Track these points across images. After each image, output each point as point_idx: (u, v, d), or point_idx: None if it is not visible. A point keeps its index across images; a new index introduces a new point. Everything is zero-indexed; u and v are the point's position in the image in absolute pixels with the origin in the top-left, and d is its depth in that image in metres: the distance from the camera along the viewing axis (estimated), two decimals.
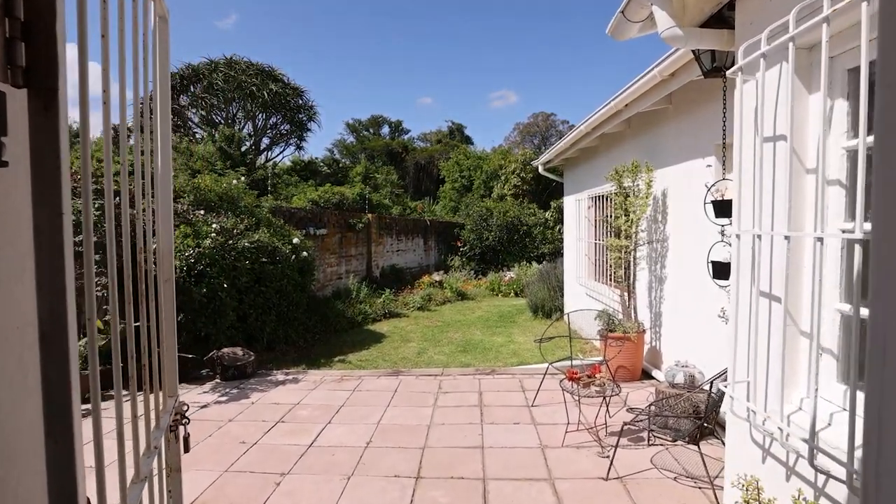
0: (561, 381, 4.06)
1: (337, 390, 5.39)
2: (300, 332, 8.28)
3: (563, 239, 18.32)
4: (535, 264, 15.78)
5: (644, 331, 5.43)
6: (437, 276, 14.03)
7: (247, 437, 4.18)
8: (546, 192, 22.08)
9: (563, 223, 19.16)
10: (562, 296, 10.09)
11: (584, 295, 8.15)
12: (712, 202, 3.34)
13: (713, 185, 3.61)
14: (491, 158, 24.05)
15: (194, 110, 18.68)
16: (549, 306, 10.18)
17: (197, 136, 17.98)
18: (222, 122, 18.92)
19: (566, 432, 4.00)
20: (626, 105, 5.32)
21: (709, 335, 4.15)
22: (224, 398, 5.18)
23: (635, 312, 5.57)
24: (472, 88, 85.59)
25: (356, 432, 4.23)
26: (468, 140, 40.24)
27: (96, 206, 5.27)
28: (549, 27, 78.88)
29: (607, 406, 3.86)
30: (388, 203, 17.99)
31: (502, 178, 22.15)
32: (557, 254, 17.48)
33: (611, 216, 6.49)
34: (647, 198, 5.33)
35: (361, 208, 15.34)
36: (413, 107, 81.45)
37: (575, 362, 4.90)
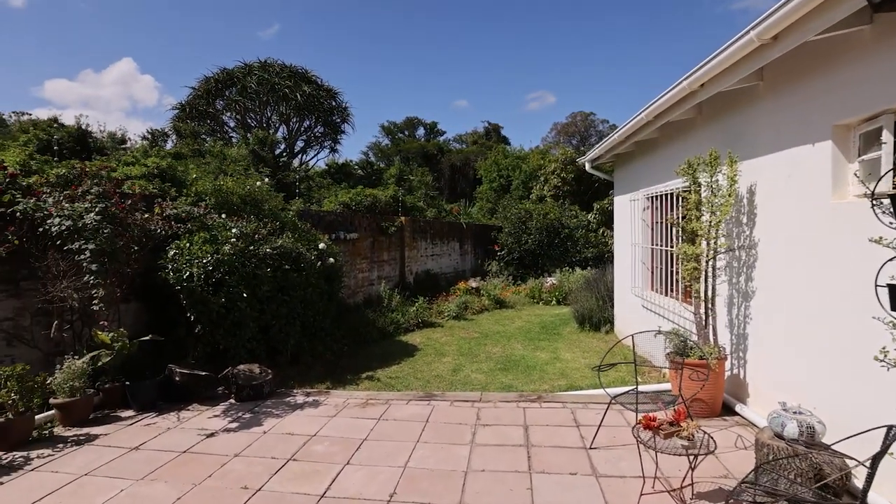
0: (634, 426, 3.23)
1: (360, 418, 4.70)
2: (327, 343, 7.67)
3: (607, 243, 17.32)
4: (578, 270, 14.82)
5: (725, 357, 4.51)
6: (473, 283, 13.27)
7: (251, 479, 3.53)
8: (589, 192, 21.02)
9: (608, 226, 18.13)
10: (611, 306, 9.15)
11: (641, 307, 7.22)
12: (890, 196, 2.41)
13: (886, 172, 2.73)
14: (530, 158, 23.13)
15: (230, 114, 18.61)
16: (598, 317, 9.26)
17: (233, 139, 17.87)
18: (256, 125, 18.77)
19: (641, 493, 3.16)
20: (703, 85, 4.43)
21: (845, 376, 3.22)
22: (234, 424, 4.57)
23: (715, 334, 4.65)
24: (507, 89, 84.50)
25: (378, 479, 3.52)
26: (505, 140, 39.34)
27: (97, 209, 4.75)
28: (588, 26, 76.90)
29: (694, 467, 3.01)
30: (422, 205, 17.35)
31: (542, 178, 21.23)
32: (602, 259, 16.44)
33: (677, 218, 5.58)
34: (729, 196, 4.42)
35: (394, 211, 14.74)
36: (448, 110, 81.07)
37: (640, 389, 4.06)
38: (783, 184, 3.90)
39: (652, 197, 6.91)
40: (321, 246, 7.57)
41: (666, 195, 6.35)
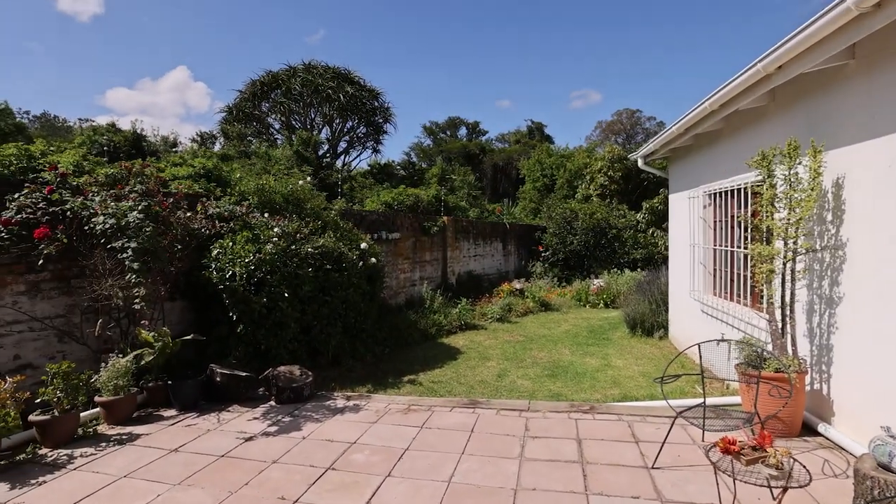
0: (707, 448, 2.86)
1: (402, 425, 4.49)
2: (368, 345, 7.54)
3: (658, 243, 16.55)
4: (627, 271, 14.21)
5: (806, 370, 4.03)
6: (517, 284, 12.90)
7: (288, 489, 3.37)
8: (637, 191, 20.23)
9: (658, 225, 17.34)
10: (665, 310, 8.61)
11: (700, 313, 6.71)
12: None
13: None
14: (575, 156, 22.48)
15: (275, 116, 18.97)
16: (651, 322, 8.74)
17: (278, 141, 18.21)
18: (300, 126, 19.05)
19: None
20: (780, 67, 3.97)
21: None
22: (273, 428, 4.45)
23: (794, 344, 4.17)
24: (551, 88, 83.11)
25: (421, 494, 3.28)
26: (548, 139, 38.58)
27: (140, 207, 4.75)
28: (632, 15, 74.64)
29: (780, 500, 2.61)
30: (464, 205, 17.11)
31: (587, 176, 20.58)
32: (651, 260, 15.72)
33: (747, 215, 5.10)
34: (812, 190, 3.94)
35: (437, 211, 14.56)
36: (491, 110, 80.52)
37: (708, 402, 3.65)
38: (883, 174, 3.41)
39: (714, 194, 6.40)
40: (363, 246, 7.44)
41: (731, 191, 5.84)
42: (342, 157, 21.46)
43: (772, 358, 4.06)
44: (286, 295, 6.07)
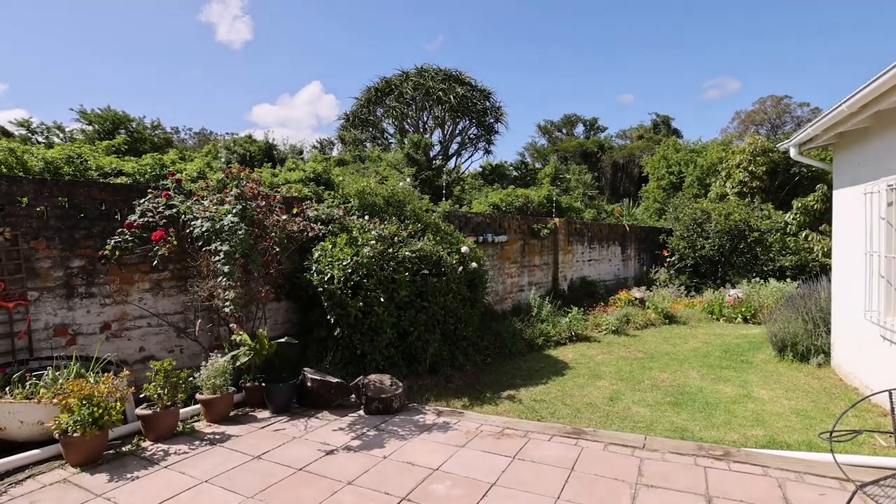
0: None
1: (492, 453, 4.00)
2: (469, 354, 7.16)
3: (813, 249, 14.08)
4: (772, 281, 12.24)
5: None
6: (636, 293, 11.69)
7: None
8: (785, 188, 17.58)
9: (813, 228, 14.77)
10: (827, 332, 7.06)
11: (880, 339, 5.29)
12: None
13: None
14: (708, 151, 20.16)
15: (388, 120, 19.56)
16: (805, 345, 7.24)
17: (392, 145, 18.75)
18: (413, 129, 19.42)
19: None
20: None
21: None
22: (356, 442, 4.22)
23: None
24: (680, 79, 76.57)
25: None
26: (676, 133, 35.36)
27: (234, 211, 4.83)
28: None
29: None
30: (579, 206, 16.07)
31: (723, 172, 18.33)
32: (804, 269, 13.42)
33: None
34: None
35: (548, 212, 13.80)
36: (611, 105, 76.39)
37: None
38: None
39: None
40: (463, 249, 7.07)
41: None
42: (453, 158, 21.56)
43: None
44: (381, 300, 5.91)
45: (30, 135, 12.72)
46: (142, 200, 5.08)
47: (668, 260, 14.95)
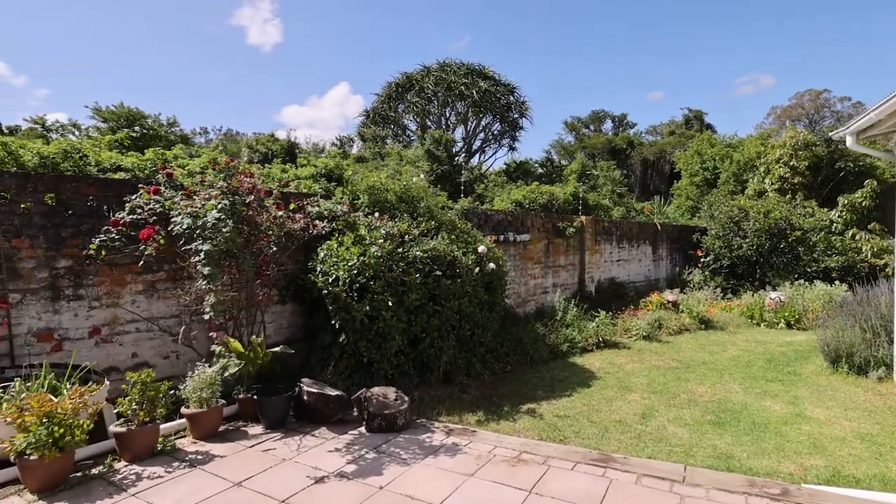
0: None
1: (504, 485, 3.48)
2: (486, 362, 6.64)
3: (860, 248, 13.06)
4: (818, 284, 11.35)
5: None
6: (669, 295, 10.96)
7: None
8: (830, 183, 16.48)
9: (861, 226, 13.70)
10: (890, 342, 6.29)
11: None
12: None
13: None
14: (745, 145, 19.11)
15: (410, 116, 19.16)
16: (863, 356, 6.48)
17: (413, 142, 18.35)
18: (434, 126, 18.99)
19: None
20: None
21: None
22: (351, 468, 3.74)
23: None
24: (711, 76, 74.07)
25: None
26: (710, 128, 33.96)
27: (220, 206, 4.42)
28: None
29: None
30: (607, 203, 15.34)
31: (761, 168, 17.30)
32: (851, 270, 12.46)
33: None
34: None
35: (574, 210, 13.15)
36: (641, 103, 74.46)
37: None
38: None
39: None
40: (480, 249, 6.55)
41: None
42: (477, 155, 21.02)
43: None
44: (389, 304, 5.44)
45: (45, 132, 12.75)
46: (132, 197, 4.74)
47: (702, 260, 14.12)
